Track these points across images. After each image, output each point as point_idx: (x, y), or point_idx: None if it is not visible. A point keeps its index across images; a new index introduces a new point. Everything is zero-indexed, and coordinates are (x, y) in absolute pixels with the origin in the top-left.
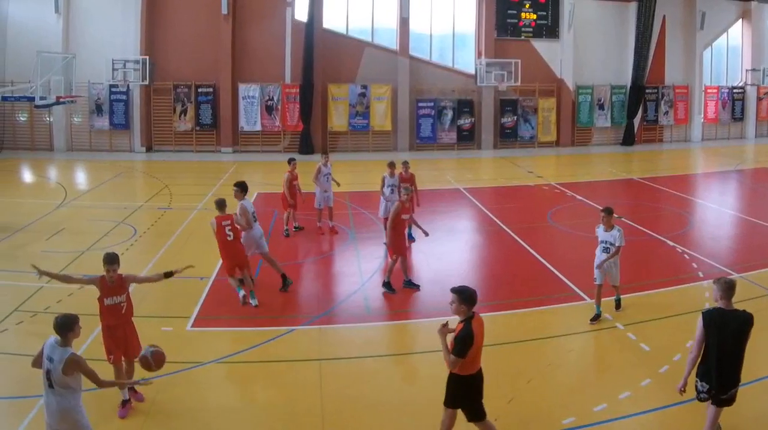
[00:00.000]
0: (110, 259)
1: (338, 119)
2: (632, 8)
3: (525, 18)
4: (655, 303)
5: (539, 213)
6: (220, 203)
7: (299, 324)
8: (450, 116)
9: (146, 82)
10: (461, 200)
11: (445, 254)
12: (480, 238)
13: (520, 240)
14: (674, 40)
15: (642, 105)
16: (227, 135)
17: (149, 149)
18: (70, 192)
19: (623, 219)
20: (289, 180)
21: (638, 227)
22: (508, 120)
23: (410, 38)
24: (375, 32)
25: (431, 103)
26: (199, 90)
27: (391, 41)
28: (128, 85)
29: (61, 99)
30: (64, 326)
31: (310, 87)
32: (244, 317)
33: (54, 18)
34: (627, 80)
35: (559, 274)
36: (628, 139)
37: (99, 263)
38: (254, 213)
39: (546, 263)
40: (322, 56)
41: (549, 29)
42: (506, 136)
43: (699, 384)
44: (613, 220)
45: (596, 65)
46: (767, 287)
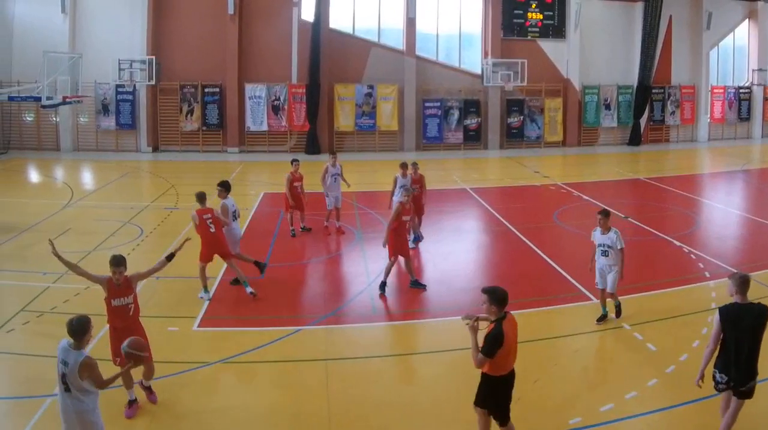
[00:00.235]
0: (117, 261)
1: (345, 119)
2: (639, 8)
3: (531, 18)
4: (662, 303)
5: (546, 213)
6: (201, 196)
7: (305, 324)
8: (456, 116)
9: (153, 82)
10: (468, 200)
11: (452, 254)
12: (486, 238)
13: (527, 240)
14: (681, 40)
15: (648, 105)
16: (234, 135)
17: (156, 149)
18: (77, 192)
19: (630, 219)
20: (290, 181)
21: (645, 227)
22: (515, 120)
23: (417, 38)
24: (381, 32)
25: (438, 103)
26: (206, 90)
27: (398, 41)
28: (135, 85)
29: (68, 99)
30: (79, 331)
31: (317, 87)
32: (251, 318)
33: (60, 18)
34: (633, 80)
35: (566, 274)
36: (635, 139)
37: (105, 263)
38: (235, 212)
39: (552, 263)
40: (329, 56)
41: (555, 29)
42: (513, 136)
43: (718, 375)
44: (610, 223)
45: (603, 65)
46: None
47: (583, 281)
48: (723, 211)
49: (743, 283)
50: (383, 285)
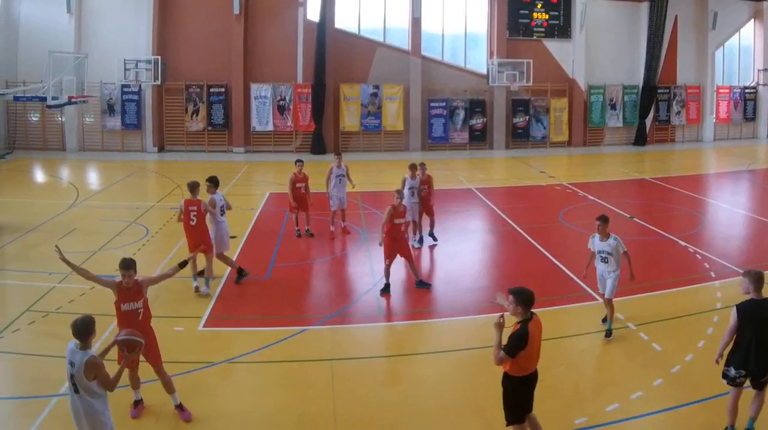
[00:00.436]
0: (126, 264)
1: (350, 119)
2: (644, 8)
3: (537, 18)
4: (667, 303)
5: (551, 213)
6: (192, 186)
7: (311, 324)
8: (462, 116)
9: (158, 82)
10: (473, 200)
11: (458, 254)
12: (492, 238)
13: (532, 240)
14: (686, 40)
15: (654, 105)
16: (239, 135)
17: (161, 149)
18: (82, 192)
19: (635, 219)
20: (293, 182)
21: (650, 227)
22: (520, 120)
23: (422, 38)
24: (387, 32)
25: (443, 103)
26: (211, 90)
27: (403, 41)
28: (140, 85)
29: (73, 99)
30: (84, 332)
31: (322, 87)
32: (256, 318)
33: (66, 18)
34: (639, 80)
35: (571, 274)
36: (640, 139)
37: (111, 263)
38: (223, 207)
39: (558, 263)
40: (334, 56)
41: (561, 29)
42: (518, 136)
43: (734, 371)
44: (608, 228)
45: (608, 65)
46: None
47: (589, 282)
48: (728, 211)
49: (758, 279)
50: (386, 287)
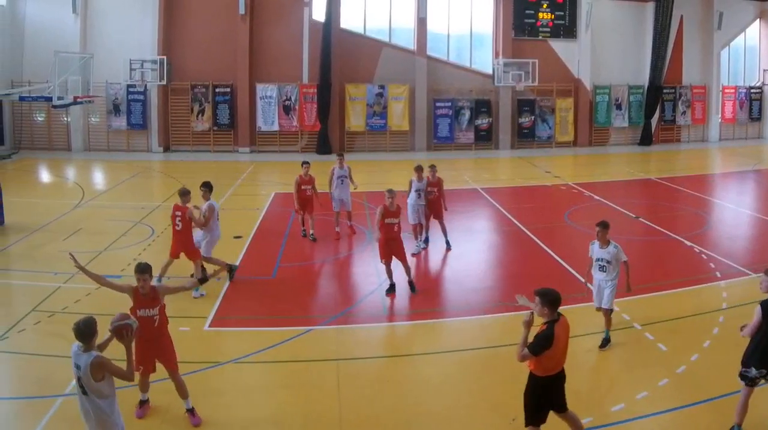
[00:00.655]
0: (141, 269)
1: (356, 119)
2: (650, 8)
3: (542, 18)
4: (673, 303)
5: (557, 213)
6: (183, 192)
7: (317, 324)
8: (467, 116)
9: (164, 82)
10: (479, 200)
11: (463, 254)
12: (498, 238)
13: (538, 240)
14: (692, 40)
15: (659, 105)
16: (245, 135)
17: (167, 149)
18: (88, 192)
19: (641, 219)
20: (298, 184)
21: (656, 227)
22: (526, 120)
23: (428, 38)
24: (392, 32)
25: (449, 103)
26: (217, 90)
27: (409, 41)
28: (146, 85)
29: (79, 99)
30: (87, 333)
31: (328, 87)
32: (262, 317)
33: (72, 18)
34: (644, 80)
35: (577, 274)
36: (646, 139)
37: (117, 263)
38: (217, 213)
39: (563, 263)
40: (340, 56)
41: (566, 29)
42: (524, 136)
43: (755, 371)
44: (608, 235)
45: (614, 65)
46: None
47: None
48: (734, 211)
49: None
50: (391, 287)
